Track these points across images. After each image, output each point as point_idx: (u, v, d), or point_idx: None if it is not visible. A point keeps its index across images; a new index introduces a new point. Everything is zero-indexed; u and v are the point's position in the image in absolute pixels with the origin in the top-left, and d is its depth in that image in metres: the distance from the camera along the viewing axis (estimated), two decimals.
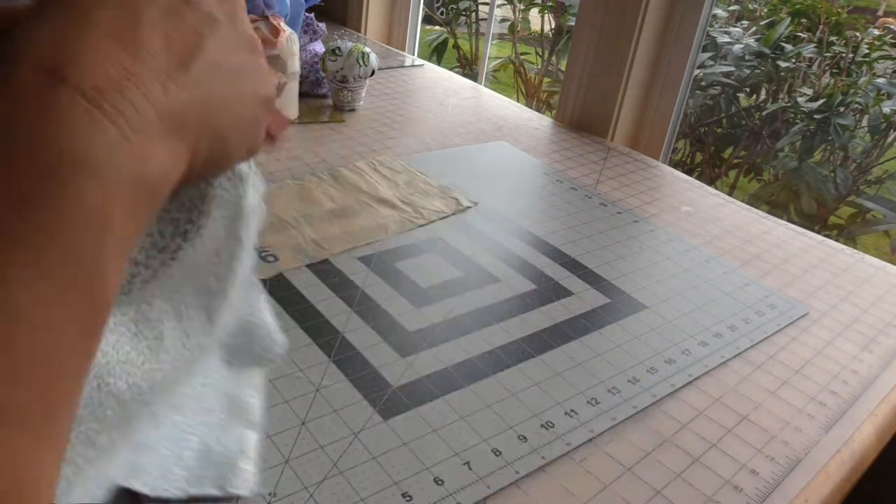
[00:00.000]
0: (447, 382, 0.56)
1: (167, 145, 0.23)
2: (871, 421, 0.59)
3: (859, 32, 1.97)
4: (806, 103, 1.88)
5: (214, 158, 0.28)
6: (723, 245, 0.84)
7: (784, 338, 0.68)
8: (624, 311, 0.68)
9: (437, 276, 0.70)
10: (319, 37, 1.15)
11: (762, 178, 2.05)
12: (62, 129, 0.20)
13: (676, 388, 0.59)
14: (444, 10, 2.76)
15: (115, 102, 0.21)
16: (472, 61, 2.70)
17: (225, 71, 0.27)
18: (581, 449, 0.52)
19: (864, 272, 0.82)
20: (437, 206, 0.83)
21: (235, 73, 0.28)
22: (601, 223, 0.85)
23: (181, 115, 0.24)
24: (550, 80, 2.53)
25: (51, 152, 0.19)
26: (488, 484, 0.47)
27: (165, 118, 0.23)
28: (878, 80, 1.81)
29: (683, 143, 2.13)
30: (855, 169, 1.91)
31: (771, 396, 0.60)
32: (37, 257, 0.18)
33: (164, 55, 0.24)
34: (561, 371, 0.59)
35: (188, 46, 0.25)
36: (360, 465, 0.48)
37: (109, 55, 0.22)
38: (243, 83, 0.28)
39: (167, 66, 0.24)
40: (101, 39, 0.22)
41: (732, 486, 0.50)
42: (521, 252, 0.76)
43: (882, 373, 0.65)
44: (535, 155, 1.04)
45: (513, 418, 0.53)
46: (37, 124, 0.19)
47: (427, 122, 1.11)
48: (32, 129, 0.19)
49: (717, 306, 0.71)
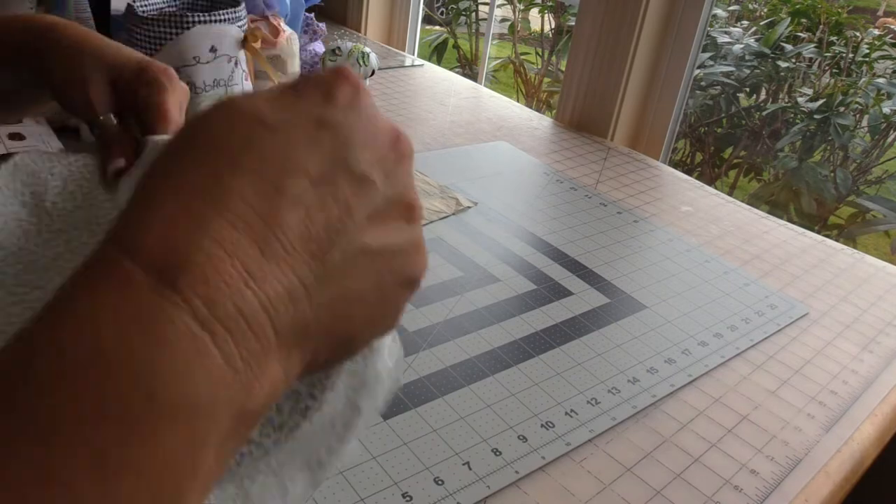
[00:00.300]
0: (447, 382, 0.56)
1: (281, 362, 0.19)
2: (871, 421, 0.59)
3: (859, 32, 1.97)
4: (806, 103, 1.88)
5: (338, 357, 0.24)
6: (723, 245, 0.84)
7: (784, 338, 0.68)
8: (624, 311, 0.68)
9: (437, 276, 0.70)
10: (319, 37, 1.15)
11: (762, 178, 2.05)
12: (162, 359, 0.16)
13: (676, 388, 0.59)
14: (444, 10, 2.76)
15: (228, 322, 0.18)
16: (472, 61, 2.70)
17: (369, 255, 0.22)
18: (581, 449, 0.52)
19: (864, 272, 0.82)
20: (437, 206, 0.83)
21: (381, 256, 0.22)
22: (601, 223, 0.85)
23: (304, 326, 0.20)
24: (550, 80, 2.53)
25: (142, 387, 0.16)
26: (488, 484, 0.47)
27: (285, 333, 0.19)
28: (878, 80, 1.81)
29: (683, 143, 2.13)
30: (855, 169, 1.91)
31: (771, 396, 0.60)
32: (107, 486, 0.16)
33: (299, 247, 0.19)
34: (561, 371, 0.59)
35: (330, 229, 0.20)
36: (360, 465, 0.48)
37: (233, 252, 0.18)
38: (388, 266, 0.23)
39: (298, 265, 0.19)
40: (228, 229, 0.18)
41: (732, 486, 0.50)
42: (521, 252, 0.76)
43: (882, 373, 0.65)
44: (535, 155, 1.04)
45: (513, 418, 0.53)
46: (136, 346, 0.16)
47: (427, 122, 1.11)
48: (130, 348, 0.16)
49: (717, 306, 0.71)
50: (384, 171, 0.22)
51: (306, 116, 0.21)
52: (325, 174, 0.20)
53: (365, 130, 0.22)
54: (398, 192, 0.23)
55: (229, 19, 0.81)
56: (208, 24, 0.79)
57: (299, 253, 0.19)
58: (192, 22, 0.78)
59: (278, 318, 0.19)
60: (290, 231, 0.19)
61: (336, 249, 0.20)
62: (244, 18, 0.85)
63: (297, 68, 1.00)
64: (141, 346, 0.16)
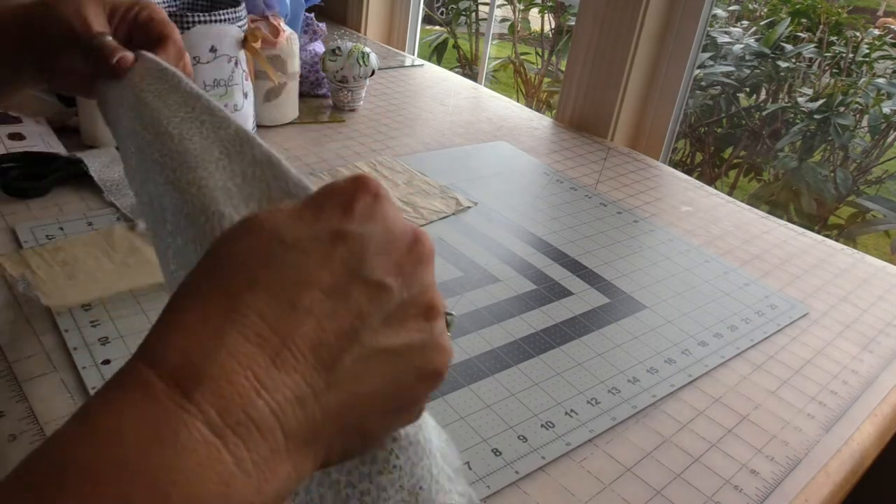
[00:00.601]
0: (447, 382, 0.56)
1: (293, 462, 0.20)
2: (871, 421, 0.59)
3: (859, 32, 1.96)
4: (806, 103, 1.88)
5: (355, 451, 0.25)
6: (723, 245, 0.84)
7: (784, 338, 0.68)
8: (624, 311, 0.68)
9: (437, 276, 0.70)
10: (319, 37, 1.15)
11: (762, 178, 2.05)
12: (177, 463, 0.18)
13: (676, 388, 0.59)
14: (444, 10, 2.76)
15: (239, 428, 0.19)
16: (472, 61, 2.70)
17: (383, 355, 0.23)
18: (581, 449, 0.52)
19: (864, 272, 0.82)
20: (437, 206, 0.83)
21: (397, 355, 0.23)
22: (601, 223, 0.85)
23: (313, 427, 0.21)
24: (550, 80, 2.53)
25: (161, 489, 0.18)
26: (488, 484, 0.47)
27: (294, 435, 0.20)
28: (878, 80, 1.81)
29: (683, 143, 2.13)
30: (855, 169, 1.91)
31: (771, 396, 0.60)
32: None
33: (310, 355, 0.21)
34: (561, 371, 0.59)
35: (342, 336, 0.22)
36: None
37: (247, 365, 0.20)
38: (406, 363, 0.24)
39: (308, 372, 0.21)
40: (242, 342, 0.20)
41: (732, 486, 0.50)
42: (521, 252, 0.76)
43: (882, 373, 0.65)
44: (535, 155, 1.04)
45: (513, 418, 0.53)
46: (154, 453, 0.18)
47: (427, 122, 1.11)
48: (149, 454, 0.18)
49: (717, 306, 0.71)
50: (401, 275, 0.24)
51: (324, 231, 0.23)
52: (338, 285, 0.22)
53: (381, 237, 0.24)
54: (416, 294, 0.24)
55: (229, 19, 0.82)
56: (208, 24, 0.79)
57: (310, 360, 0.21)
58: (192, 22, 0.78)
59: (287, 423, 0.20)
60: (301, 342, 0.21)
61: (347, 355, 0.22)
62: (244, 18, 0.85)
63: (297, 68, 1.00)
64: (159, 452, 0.18)
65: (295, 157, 0.92)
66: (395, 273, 0.23)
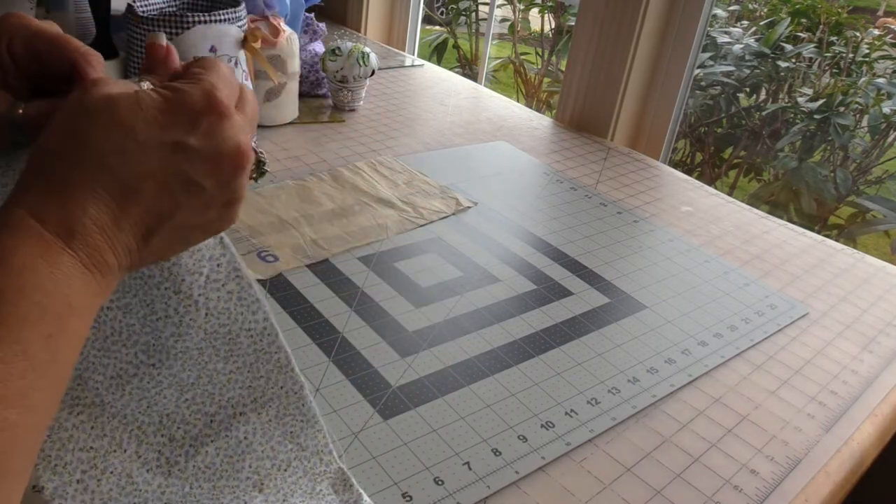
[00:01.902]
0: (447, 382, 0.56)
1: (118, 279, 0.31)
2: (871, 421, 0.59)
3: (859, 32, 1.96)
4: (806, 103, 1.88)
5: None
6: (723, 245, 0.84)
7: (784, 338, 0.68)
8: (624, 311, 0.68)
9: (437, 276, 0.70)
10: (319, 37, 1.15)
11: (762, 178, 2.04)
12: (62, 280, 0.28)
13: (676, 388, 0.59)
14: (444, 10, 2.76)
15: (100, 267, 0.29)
16: (472, 61, 2.70)
17: (185, 231, 0.33)
18: (581, 449, 0.52)
19: (864, 272, 0.82)
20: (437, 206, 0.83)
21: (194, 229, 0.33)
22: (601, 223, 0.85)
23: (135, 265, 0.32)
24: (550, 80, 2.53)
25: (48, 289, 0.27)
26: (488, 484, 0.47)
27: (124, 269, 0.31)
28: (878, 80, 1.81)
29: (683, 143, 2.13)
30: (855, 169, 1.91)
31: (771, 396, 0.60)
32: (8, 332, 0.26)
33: (140, 225, 0.30)
34: (561, 371, 0.59)
35: (161, 218, 0.31)
36: (360, 465, 0.48)
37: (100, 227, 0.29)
38: (200, 232, 0.34)
39: (137, 236, 0.31)
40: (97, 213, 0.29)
41: (732, 486, 0.50)
42: (521, 252, 0.76)
43: (882, 373, 0.65)
44: (535, 155, 1.04)
45: (513, 418, 0.53)
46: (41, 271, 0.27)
47: (427, 122, 1.11)
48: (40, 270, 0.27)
49: (717, 306, 0.71)
50: (219, 179, 0.32)
51: (169, 139, 0.30)
52: (167, 181, 0.30)
53: (213, 152, 0.31)
54: (226, 193, 0.33)
55: (229, 19, 0.82)
56: (208, 24, 0.79)
57: (139, 228, 0.31)
58: (191, 22, 0.78)
59: (121, 262, 0.30)
60: (135, 212, 0.30)
61: (163, 228, 0.31)
62: (244, 18, 0.85)
63: (296, 68, 1.00)
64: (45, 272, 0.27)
65: (295, 157, 0.93)
66: (213, 177, 0.31)
